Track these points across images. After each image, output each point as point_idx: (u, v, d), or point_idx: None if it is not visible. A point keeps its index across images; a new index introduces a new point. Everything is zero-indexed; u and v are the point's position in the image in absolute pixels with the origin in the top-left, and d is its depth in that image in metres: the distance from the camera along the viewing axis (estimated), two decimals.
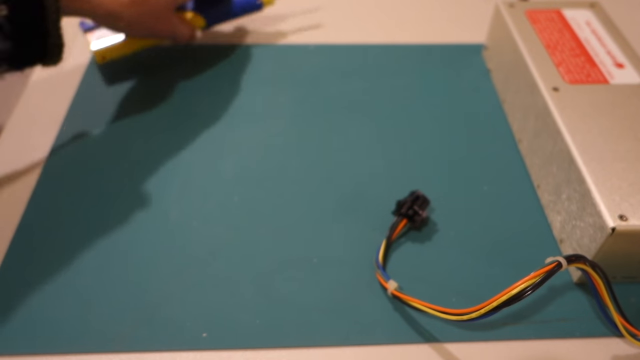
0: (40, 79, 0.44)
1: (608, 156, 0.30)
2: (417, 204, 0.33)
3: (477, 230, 0.33)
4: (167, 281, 0.31)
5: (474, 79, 0.45)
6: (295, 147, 0.39)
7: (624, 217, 0.27)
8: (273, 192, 0.36)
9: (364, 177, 0.37)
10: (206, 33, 0.49)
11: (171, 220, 0.34)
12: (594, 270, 0.26)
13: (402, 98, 0.43)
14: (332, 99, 0.43)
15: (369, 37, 0.49)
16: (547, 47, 0.38)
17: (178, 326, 0.29)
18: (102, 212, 0.34)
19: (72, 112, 0.41)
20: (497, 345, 0.28)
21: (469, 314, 0.25)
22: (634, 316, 0.28)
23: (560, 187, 0.32)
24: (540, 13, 0.42)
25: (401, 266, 0.31)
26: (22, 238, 0.33)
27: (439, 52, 0.47)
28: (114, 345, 0.28)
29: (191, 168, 0.37)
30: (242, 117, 0.41)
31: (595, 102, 0.34)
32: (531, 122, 0.36)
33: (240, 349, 0.28)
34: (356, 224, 0.34)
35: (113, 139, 0.39)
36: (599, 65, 0.36)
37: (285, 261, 0.32)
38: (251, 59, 0.46)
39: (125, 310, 0.29)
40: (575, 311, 0.29)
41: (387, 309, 0.29)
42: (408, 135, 0.40)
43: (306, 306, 0.30)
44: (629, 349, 0.28)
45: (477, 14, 0.52)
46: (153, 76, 0.45)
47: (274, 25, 0.51)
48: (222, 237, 0.33)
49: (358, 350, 0.28)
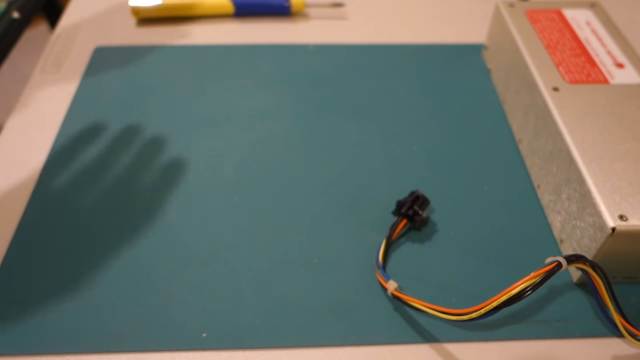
0: (40, 79, 0.44)
1: (608, 156, 0.30)
2: (417, 204, 0.33)
3: (477, 230, 0.33)
4: (167, 281, 0.31)
5: (474, 79, 0.45)
6: (295, 147, 0.39)
7: (624, 217, 0.27)
8: (273, 192, 0.36)
9: (364, 177, 0.37)
10: (206, 33, 0.49)
11: (171, 220, 0.34)
12: (594, 270, 0.26)
13: (402, 98, 0.43)
14: (332, 99, 0.43)
15: (368, 37, 0.49)
16: (547, 47, 0.38)
17: (178, 326, 0.29)
18: (102, 212, 0.34)
19: (72, 112, 0.41)
20: (497, 346, 0.28)
21: (469, 314, 0.25)
22: (634, 316, 0.28)
23: (560, 187, 0.32)
24: (540, 13, 0.41)
25: (401, 266, 0.31)
26: (22, 238, 0.33)
27: (439, 52, 0.47)
28: (114, 345, 0.28)
29: (191, 168, 0.37)
30: (242, 117, 0.41)
31: (596, 102, 0.34)
32: (531, 122, 0.36)
33: (240, 349, 0.28)
34: (356, 224, 0.34)
35: (113, 139, 0.39)
36: (599, 65, 0.36)
37: (285, 261, 0.32)
38: (251, 58, 0.46)
39: (125, 310, 0.29)
40: (575, 311, 0.29)
41: (387, 309, 0.29)
42: (408, 135, 0.40)
43: (306, 306, 0.30)
44: (629, 349, 0.28)
45: (477, 13, 0.52)
46: (153, 76, 0.45)
47: (274, 25, 0.51)
48: (222, 237, 0.33)
49: (358, 350, 0.28)
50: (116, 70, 0.45)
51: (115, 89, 0.43)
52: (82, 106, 0.42)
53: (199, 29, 0.50)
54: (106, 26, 0.50)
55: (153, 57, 0.46)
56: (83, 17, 0.52)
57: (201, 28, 0.50)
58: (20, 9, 0.52)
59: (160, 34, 0.49)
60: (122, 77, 0.44)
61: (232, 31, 0.50)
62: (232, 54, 0.47)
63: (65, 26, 0.51)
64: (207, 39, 0.49)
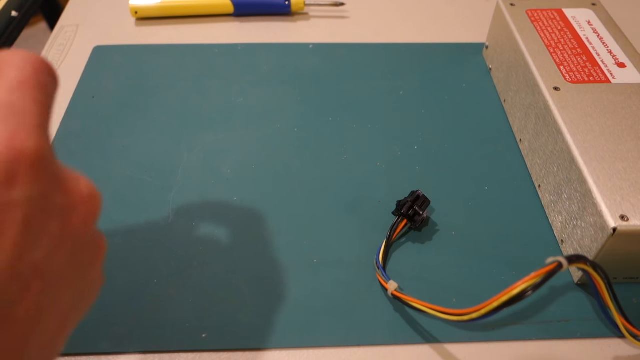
0: None
1: (609, 156, 0.30)
2: (417, 204, 0.32)
3: (478, 231, 0.33)
4: (167, 281, 0.30)
5: (475, 79, 0.44)
6: (295, 147, 0.39)
7: (625, 217, 0.27)
8: (273, 192, 0.36)
9: (364, 177, 0.36)
10: (205, 32, 0.49)
11: (171, 220, 0.34)
12: (595, 270, 0.26)
13: (402, 97, 0.43)
14: (331, 99, 0.42)
15: (368, 36, 0.49)
16: (548, 46, 0.38)
17: (177, 327, 0.29)
18: (102, 212, 0.34)
19: (70, 111, 0.41)
20: (498, 346, 0.28)
21: (470, 315, 0.25)
22: (635, 317, 0.27)
23: (561, 187, 0.32)
24: (541, 12, 0.41)
25: (401, 266, 0.31)
26: None
27: (439, 51, 0.47)
28: (113, 346, 0.28)
29: (190, 168, 0.37)
30: (242, 117, 0.41)
31: (597, 102, 0.33)
32: (532, 121, 0.36)
33: (240, 349, 0.28)
34: (356, 224, 0.34)
35: (112, 139, 0.39)
36: (601, 65, 0.36)
37: (285, 261, 0.32)
38: (251, 58, 0.46)
39: (125, 310, 0.29)
40: (576, 312, 0.29)
41: (387, 310, 0.29)
42: (408, 135, 0.39)
43: (306, 306, 0.29)
44: (630, 349, 0.28)
45: (477, 13, 0.52)
46: (152, 75, 0.44)
47: (274, 24, 0.50)
48: (222, 237, 0.33)
49: (358, 350, 0.28)
50: (115, 70, 0.45)
51: (114, 88, 0.43)
52: (81, 105, 0.42)
53: (199, 29, 0.50)
54: (105, 25, 0.50)
55: (152, 56, 0.46)
56: (82, 16, 0.51)
57: (201, 27, 0.50)
58: (18, 8, 0.52)
59: (159, 33, 0.49)
60: (121, 77, 0.44)
61: (231, 30, 0.50)
62: (232, 54, 0.47)
63: (64, 25, 0.50)
64: (207, 39, 0.49)
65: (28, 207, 0.15)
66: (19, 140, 0.15)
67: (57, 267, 0.17)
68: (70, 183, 0.17)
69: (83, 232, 0.18)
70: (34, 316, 0.16)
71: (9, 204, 0.15)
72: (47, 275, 0.16)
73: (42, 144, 0.16)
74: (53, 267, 0.17)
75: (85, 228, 0.18)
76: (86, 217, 0.18)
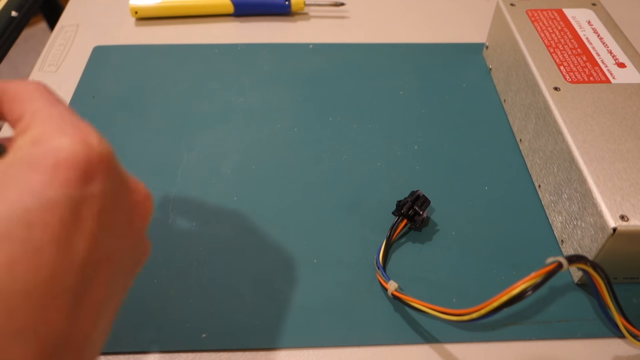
0: (39, 78, 0.44)
1: (609, 156, 0.30)
2: (417, 204, 0.32)
3: (478, 231, 0.33)
4: (167, 282, 0.30)
5: (475, 79, 0.44)
6: (295, 147, 0.39)
7: (625, 217, 0.27)
8: (273, 192, 0.35)
9: (364, 177, 0.36)
10: (205, 32, 0.49)
11: (170, 220, 0.34)
12: (595, 270, 0.26)
13: (402, 97, 0.43)
14: (331, 99, 0.42)
15: (368, 36, 0.49)
16: (548, 46, 0.38)
17: (177, 327, 0.29)
18: None
19: None
20: (498, 346, 0.28)
21: (470, 315, 0.25)
22: (635, 317, 0.27)
23: (561, 187, 0.32)
24: (541, 12, 0.41)
25: (401, 266, 0.31)
26: None
27: (439, 51, 0.47)
28: (113, 346, 0.28)
29: (190, 168, 0.37)
30: (242, 117, 0.41)
31: (597, 102, 0.33)
32: (532, 121, 0.36)
33: (240, 349, 0.28)
34: (356, 224, 0.34)
35: (112, 139, 0.39)
36: (601, 65, 0.36)
37: (285, 261, 0.32)
38: (251, 58, 0.46)
39: (125, 311, 0.29)
40: (576, 312, 0.29)
41: (387, 310, 0.29)
42: (408, 135, 0.39)
43: (306, 307, 0.29)
44: (630, 349, 0.28)
45: (477, 13, 0.52)
46: (152, 75, 0.44)
47: (274, 24, 0.50)
48: (222, 237, 0.33)
49: (358, 350, 0.28)
50: (115, 70, 0.45)
51: (114, 88, 0.43)
52: (81, 105, 0.42)
53: (199, 29, 0.50)
54: (105, 25, 0.50)
55: (152, 56, 0.46)
56: (82, 16, 0.51)
57: (201, 27, 0.50)
58: (18, 8, 0.52)
59: (159, 33, 0.49)
60: (121, 77, 0.44)
61: (231, 30, 0.50)
62: (232, 54, 0.47)
63: (64, 25, 0.50)
64: (207, 39, 0.49)
65: (103, 201, 0.17)
66: (94, 141, 0.19)
67: (122, 256, 0.19)
68: (132, 184, 0.20)
69: (141, 229, 0.20)
70: (103, 299, 0.18)
71: (88, 197, 0.17)
72: (115, 262, 0.18)
73: (109, 146, 0.19)
74: (119, 255, 0.18)
75: (143, 223, 0.20)
76: (144, 216, 0.20)
